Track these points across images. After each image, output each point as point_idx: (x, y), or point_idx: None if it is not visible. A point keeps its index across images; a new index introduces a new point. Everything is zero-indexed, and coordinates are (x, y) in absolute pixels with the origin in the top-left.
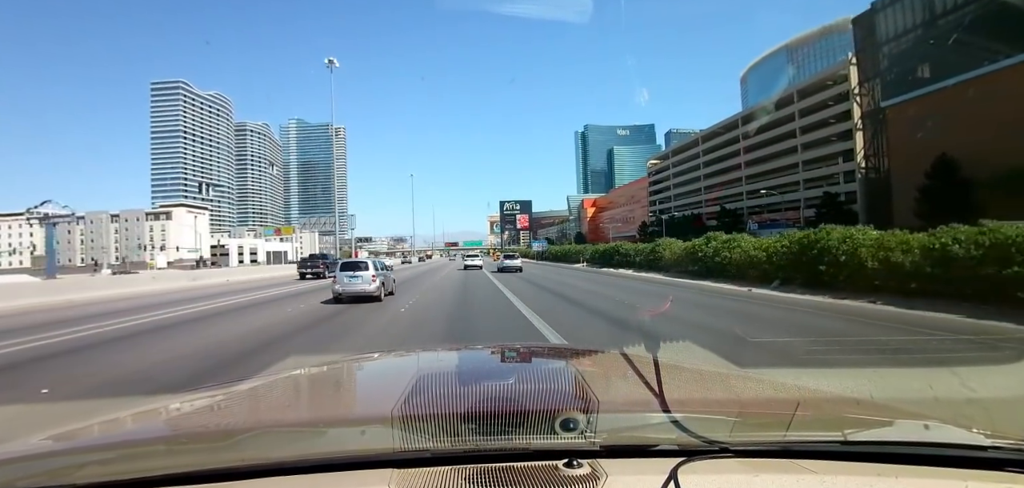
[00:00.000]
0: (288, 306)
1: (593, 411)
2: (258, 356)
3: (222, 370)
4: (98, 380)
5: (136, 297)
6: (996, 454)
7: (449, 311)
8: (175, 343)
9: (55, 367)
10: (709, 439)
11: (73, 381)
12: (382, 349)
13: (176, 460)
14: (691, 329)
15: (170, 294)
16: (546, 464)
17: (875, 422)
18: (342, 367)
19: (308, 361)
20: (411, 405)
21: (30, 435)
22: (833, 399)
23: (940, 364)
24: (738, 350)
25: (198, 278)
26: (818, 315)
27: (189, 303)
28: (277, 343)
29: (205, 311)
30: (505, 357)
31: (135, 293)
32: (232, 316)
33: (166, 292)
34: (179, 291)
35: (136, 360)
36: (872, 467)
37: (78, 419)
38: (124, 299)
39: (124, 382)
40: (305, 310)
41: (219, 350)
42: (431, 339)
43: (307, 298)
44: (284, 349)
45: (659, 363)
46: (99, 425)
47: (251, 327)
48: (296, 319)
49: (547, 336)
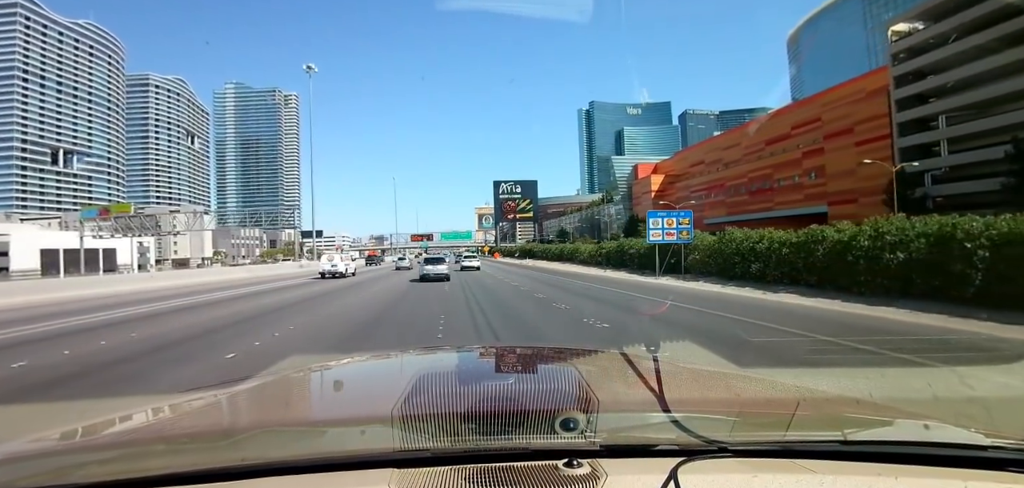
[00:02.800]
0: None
1: (593, 411)
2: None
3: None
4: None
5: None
6: (996, 454)
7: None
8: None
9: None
10: (709, 439)
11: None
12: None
13: (176, 460)
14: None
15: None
16: (546, 464)
17: (875, 422)
18: (342, 367)
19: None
20: (411, 405)
21: (30, 435)
22: (833, 399)
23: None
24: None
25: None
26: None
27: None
28: None
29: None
30: (505, 357)
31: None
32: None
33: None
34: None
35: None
36: (872, 467)
37: (78, 419)
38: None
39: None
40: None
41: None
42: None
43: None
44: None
45: (659, 363)
46: (99, 425)
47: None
48: None
49: None
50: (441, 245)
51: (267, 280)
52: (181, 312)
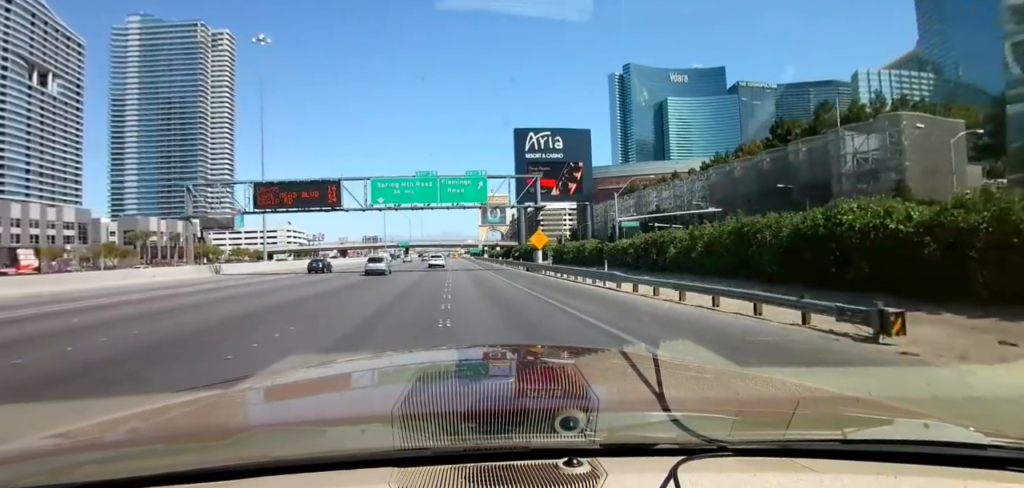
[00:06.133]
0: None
1: (593, 410)
2: None
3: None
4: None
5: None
6: (996, 453)
7: None
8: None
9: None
10: (709, 438)
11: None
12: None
13: (175, 459)
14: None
15: None
16: (546, 463)
17: (875, 421)
18: (342, 366)
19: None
20: (411, 404)
21: (29, 435)
22: (833, 398)
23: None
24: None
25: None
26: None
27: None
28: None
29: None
30: (505, 356)
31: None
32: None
33: None
34: None
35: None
36: (872, 466)
37: (77, 418)
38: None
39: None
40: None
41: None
42: None
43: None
44: None
45: (659, 362)
46: (98, 424)
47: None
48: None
49: None
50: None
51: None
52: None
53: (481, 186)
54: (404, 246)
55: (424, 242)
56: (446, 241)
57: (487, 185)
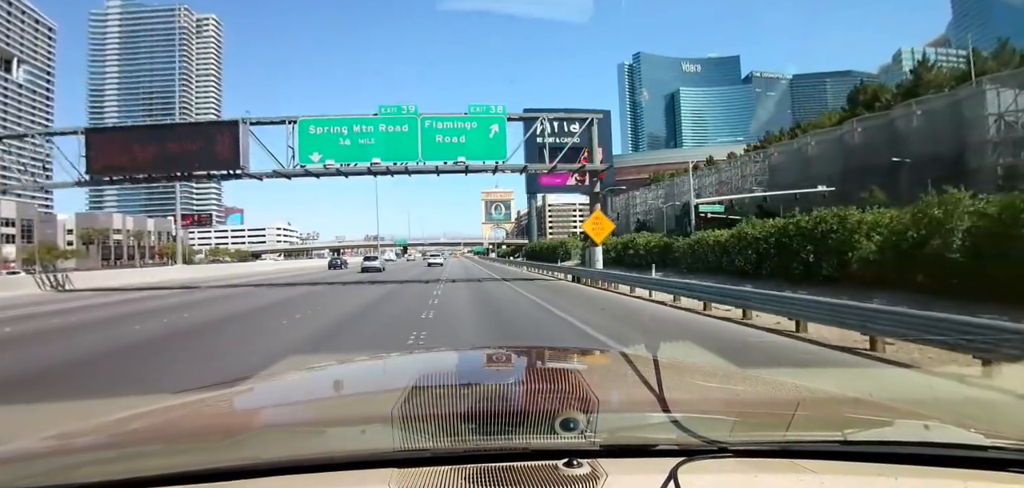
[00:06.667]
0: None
1: (593, 411)
2: None
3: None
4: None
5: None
6: (996, 454)
7: None
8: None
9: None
10: (709, 439)
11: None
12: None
13: (174, 460)
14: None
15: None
16: (546, 464)
17: (875, 422)
18: (341, 367)
19: (307, 361)
20: (411, 405)
21: (29, 435)
22: (833, 399)
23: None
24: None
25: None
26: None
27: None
28: None
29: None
30: (505, 357)
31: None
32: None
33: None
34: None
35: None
36: (872, 467)
37: (77, 419)
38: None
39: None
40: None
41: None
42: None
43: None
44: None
45: (659, 363)
46: (98, 425)
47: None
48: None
49: None
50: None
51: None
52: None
53: (495, 131)
54: (402, 244)
55: (424, 241)
56: (449, 239)
57: (505, 130)
